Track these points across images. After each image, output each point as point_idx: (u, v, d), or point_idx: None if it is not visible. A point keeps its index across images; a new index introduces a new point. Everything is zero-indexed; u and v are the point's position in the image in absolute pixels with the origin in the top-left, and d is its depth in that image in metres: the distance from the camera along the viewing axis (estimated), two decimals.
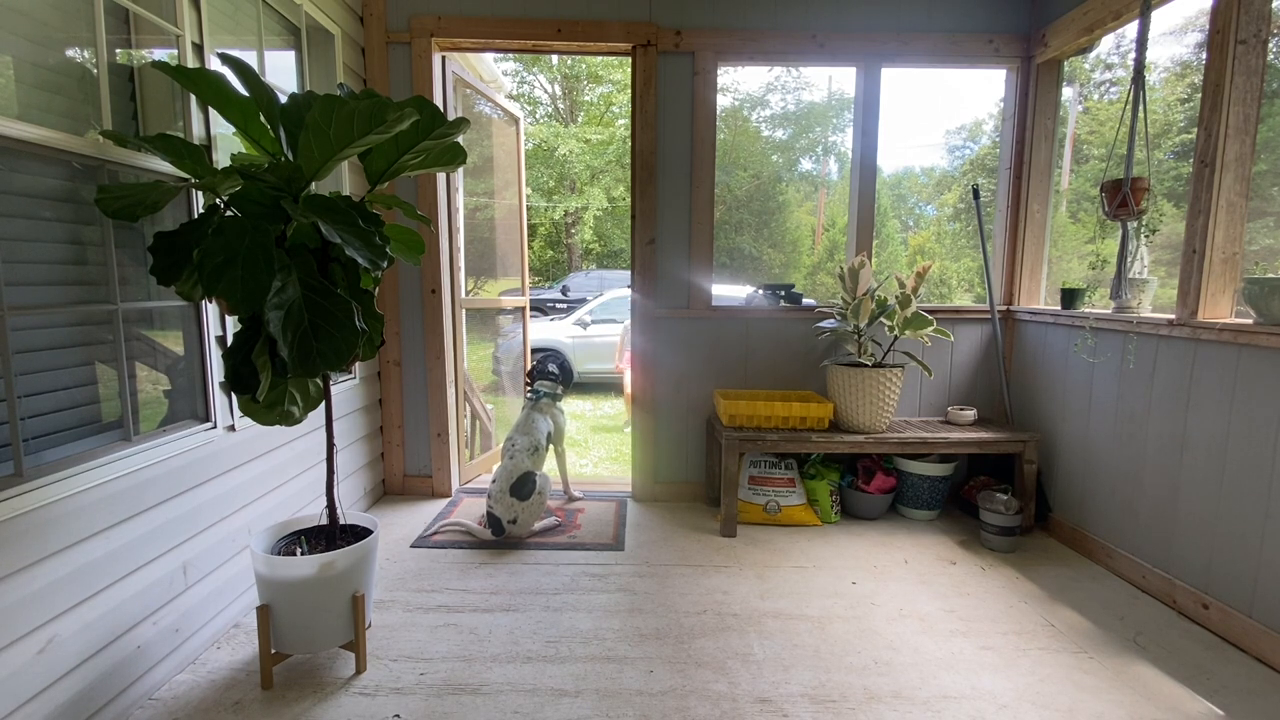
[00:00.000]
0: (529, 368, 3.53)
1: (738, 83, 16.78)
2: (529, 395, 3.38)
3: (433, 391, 3.47)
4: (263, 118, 1.74)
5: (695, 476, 3.59)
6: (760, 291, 3.65)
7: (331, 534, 2.03)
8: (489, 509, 2.99)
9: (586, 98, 16.99)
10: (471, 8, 3.23)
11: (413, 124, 1.71)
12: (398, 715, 1.81)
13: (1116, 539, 2.74)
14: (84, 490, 1.63)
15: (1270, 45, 2.24)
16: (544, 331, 8.21)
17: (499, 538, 2.99)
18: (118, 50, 1.95)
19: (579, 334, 8.18)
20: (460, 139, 1.91)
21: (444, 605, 2.41)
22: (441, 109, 1.86)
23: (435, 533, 3.04)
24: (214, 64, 2.11)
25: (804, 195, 18.17)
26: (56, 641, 1.55)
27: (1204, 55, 2.34)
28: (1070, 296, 3.13)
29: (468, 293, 3.92)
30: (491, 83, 4.51)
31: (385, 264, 1.69)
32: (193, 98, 2.04)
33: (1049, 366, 3.21)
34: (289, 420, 1.79)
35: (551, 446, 3.34)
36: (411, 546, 2.91)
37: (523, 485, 2.97)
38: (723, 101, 16.13)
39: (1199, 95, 2.37)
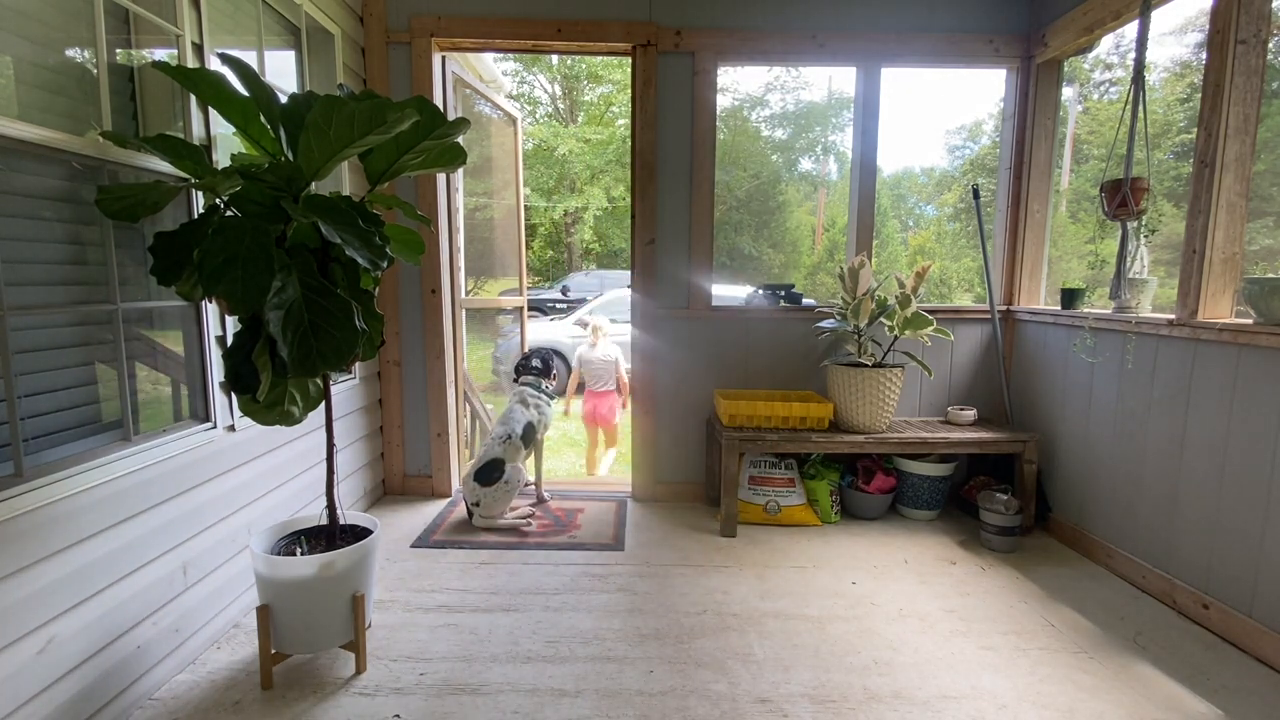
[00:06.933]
0: (517, 362, 3.59)
1: (737, 82, 16.79)
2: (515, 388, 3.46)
3: (433, 391, 3.47)
4: (263, 118, 1.73)
5: (695, 476, 3.59)
6: (760, 291, 3.65)
7: (331, 534, 2.03)
8: (461, 492, 3.08)
9: (586, 98, 16.98)
10: (471, 8, 3.23)
11: (413, 124, 1.71)
12: (398, 715, 1.81)
13: (1116, 539, 2.74)
14: (84, 490, 1.63)
15: (1270, 45, 2.24)
16: (544, 332, 8.21)
17: (470, 520, 3.12)
18: (118, 50, 1.94)
19: (579, 334, 8.18)
20: (460, 139, 1.91)
21: (444, 605, 2.41)
22: (442, 109, 1.86)
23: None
24: (214, 64, 2.11)
25: (804, 195, 18.17)
26: (56, 641, 1.55)
27: (1204, 55, 2.34)
28: (1070, 296, 3.13)
29: (467, 293, 3.92)
30: (491, 83, 4.51)
31: (385, 264, 1.69)
32: (193, 98, 2.04)
33: (1049, 366, 3.21)
34: (289, 420, 1.79)
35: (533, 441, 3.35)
36: (411, 546, 2.91)
37: (489, 472, 3.05)
38: (723, 101, 16.13)
39: (1199, 95, 2.37)
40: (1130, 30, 2.74)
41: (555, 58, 15.81)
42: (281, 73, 2.78)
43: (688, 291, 3.46)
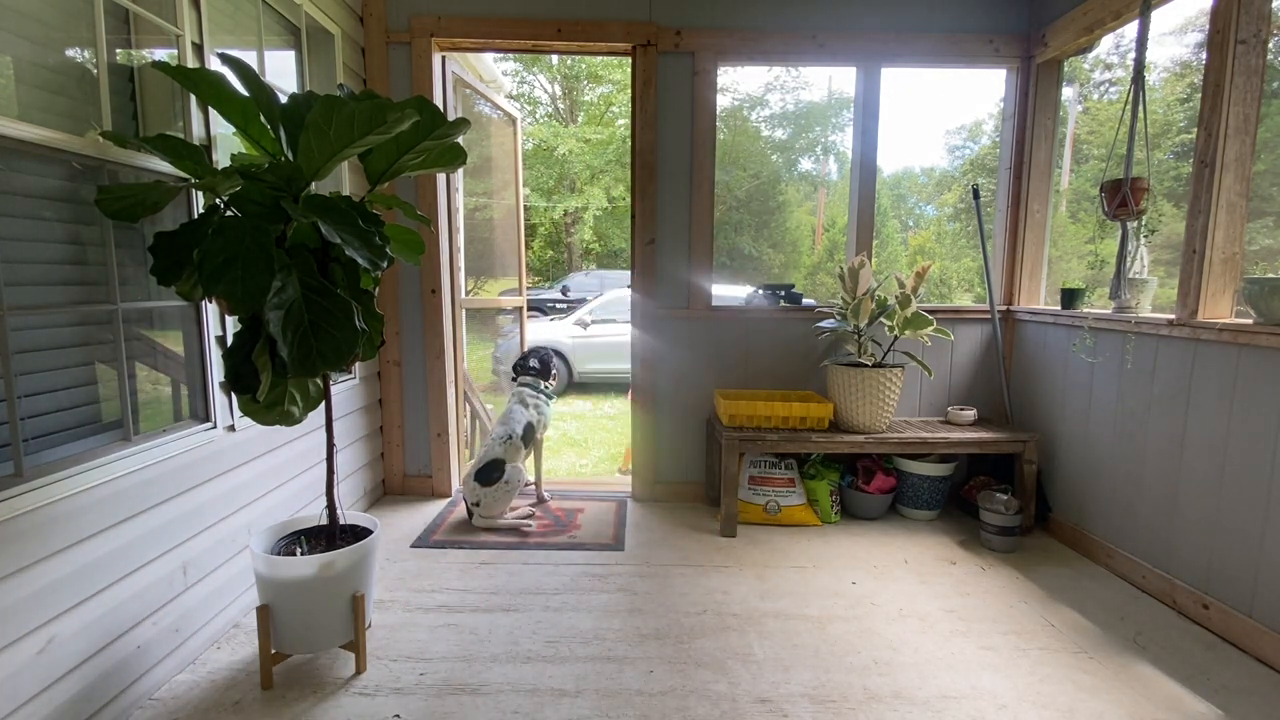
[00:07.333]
0: (515, 361, 3.61)
1: (737, 82, 16.78)
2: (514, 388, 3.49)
3: (433, 391, 3.47)
4: (263, 118, 1.73)
5: (695, 476, 3.59)
6: (760, 291, 3.65)
7: (331, 534, 2.03)
8: (462, 492, 3.10)
9: (586, 98, 16.98)
10: (471, 8, 3.23)
11: (413, 124, 1.71)
12: (398, 715, 1.81)
13: (1116, 539, 2.74)
14: (84, 490, 1.63)
15: (1270, 45, 2.24)
16: (544, 332, 8.21)
17: (470, 520, 3.14)
18: (118, 50, 1.95)
19: (579, 334, 8.18)
20: (460, 139, 1.91)
21: (444, 605, 2.41)
22: (441, 109, 1.86)
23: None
24: (214, 64, 2.11)
25: (804, 195, 18.16)
26: (56, 641, 1.55)
27: (1204, 55, 2.34)
28: (1070, 296, 3.13)
29: (467, 293, 3.92)
30: (491, 83, 4.51)
31: (385, 264, 1.69)
32: (193, 98, 2.04)
33: (1049, 366, 3.21)
34: (289, 420, 1.79)
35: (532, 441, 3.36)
36: (411, 546, 2.91)
37: (489, 472, 3.06)
38: (722, 101, 16.12)
39: (1199, 95, 2.37)
40: (1130, 30, 2.75)
41: (555, 58, 15.81)
42: (281, 73, 2.78)
43: (688, 291, 3.46)
